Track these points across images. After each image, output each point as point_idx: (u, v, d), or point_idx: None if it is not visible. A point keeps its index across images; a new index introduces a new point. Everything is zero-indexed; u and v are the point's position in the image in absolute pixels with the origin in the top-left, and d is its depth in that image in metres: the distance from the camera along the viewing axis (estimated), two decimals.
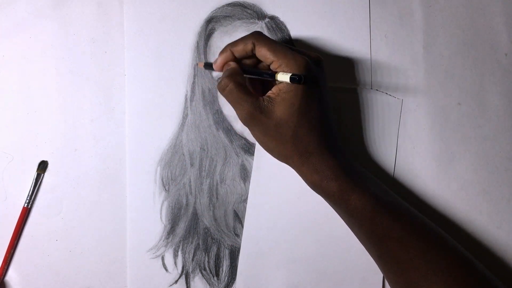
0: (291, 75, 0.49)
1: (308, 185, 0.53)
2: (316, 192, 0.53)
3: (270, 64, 0.52)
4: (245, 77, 0.53)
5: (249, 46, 0.52)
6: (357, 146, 0.60)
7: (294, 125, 0.51)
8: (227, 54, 0.53)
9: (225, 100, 0.60)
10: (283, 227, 0.59)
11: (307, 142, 0.51)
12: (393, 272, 0.51)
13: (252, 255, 0.59)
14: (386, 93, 0.60)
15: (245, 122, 0.52)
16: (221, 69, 0.54)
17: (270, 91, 0.52)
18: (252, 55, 0.53)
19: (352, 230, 0.54)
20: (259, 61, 0.55)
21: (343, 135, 0.60)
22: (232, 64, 0.53)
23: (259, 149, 0.60)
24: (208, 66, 0.56)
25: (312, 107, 0.51)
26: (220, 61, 0.54)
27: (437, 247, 0.50)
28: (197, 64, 0.60)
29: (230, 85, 0.51)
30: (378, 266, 0.53)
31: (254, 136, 0.54)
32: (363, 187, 0.51)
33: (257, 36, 0.53)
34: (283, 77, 0.50)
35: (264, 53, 0.52)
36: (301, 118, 0.51)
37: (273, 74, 0.51)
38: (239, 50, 0.53)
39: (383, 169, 0.60)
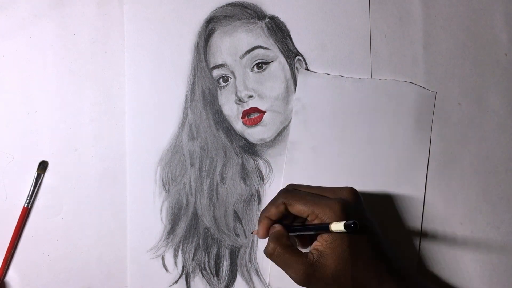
0: (345, 223, 0.47)
1: None
2: None
3: (307, 217, 0.50)
4: (291, 236, 0.52)
5: (281, 207, 0.51)
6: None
7: (351, 273, 0.48)
8: (265, 222, 0.53)
9: (225, 100, 0.60)
10: None
11: (368, 281, 0.49)
12: None
13: None
14: (419, 85, 0.60)
15: (302, 283, 0.50)
16: (265, 237, 0.53)
17: (316, 243, 0.50)
18: (288, 212, 0.52)
19: None
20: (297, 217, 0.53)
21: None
22: (277, 227, 0.52)
23: (291, 141, 0.60)
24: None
25: (363, 246, 0.49)
26: (262, 231, 0.53)
27: None
28: (252, 233, 0.60)
29: (277, 249, 0.50)
30: None
31: None
32: None
33: (285, 194, 0.52)
34: (337, 226, 0.48)
35: (297, 209, 0.50)
36: (356, 263, 0.48)
37: (325, 226, 0.49)
38: (273, 214, 0.52)
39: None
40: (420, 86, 0.60)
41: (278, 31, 0.61)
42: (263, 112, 0.61)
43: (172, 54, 0.61)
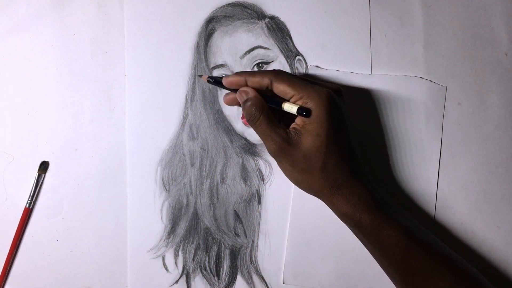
0: (298, 107, 0.48)
1: (339, 217, 0.52)
2: (346, 224, 0.52)
3: (290, 98, 0.51)
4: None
5: (265, 81, 0.52)
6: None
7: (323, 156, 0.50)
8: (241, 78, 0.53)
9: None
10: (329, 216, 0.58)
11: (337, 173, 0.50)
12: None
13: (298, 245, 0.59)
14: (429, 80, 0.60)
15: (274, 154, 0.51)
16: (229, 85, 0.53)
17: (294, 123, 0.51)
18: (266, 90, 0.53)
19: (381, 264, 0.53)
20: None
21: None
22: (252, 92, 0.52)
23: None
24: (214, 81, 0.55)
25: (338, 137, 0.51)
26: (231, 79, 0.53)
27: (468, 283, 0.50)
28: (200, 76, 0.59)
29: (261, 118, 0.51)
30: None
31: (282, 169, 0.53)
32: (396, 221, 0.51)
33: (275, 72, 0.52)
34: (290, 108, 0.50)
35: (283, 89, 0.51)
36: (329, 149, 0.50)
37: (279, 102, 0.51)
38: (254, 81, 0.52)
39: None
40: (431, 80, 0.60)
41: (278, 31, 0.61)
42: None
43: (172, 54, 0.61)
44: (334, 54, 0.61)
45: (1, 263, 0.59)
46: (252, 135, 0.60)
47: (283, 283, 0.59)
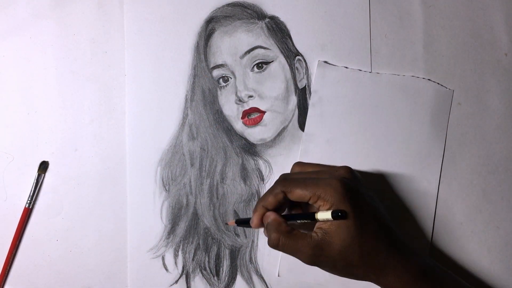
0: (332, 212, 0.48)
1: None
2: None
3: (309, 201, 0.50)
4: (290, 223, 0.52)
5: (279, 195, 0.51)
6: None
7: (358, 246, 0.49)
8: (261, 211, 0.52)
9: (226, 100, 0.60)
10: None
11: (377, 256, 0.49)
12: None
13: None
14: (434, 82, 0.60)
15: (312, 264, 0.50)
16: (259, 226, 0.53)
17: (318, 224, 0.50)
18: (284, 201, 0.52)
19: None
20: (292, 202, 0.53)
21: None
22: (271, 216, 0.52)
23: (307, 133, 0.60)
24: (242, 223, 0.55)
25: (368, 221, 0.50)
26: (256, 220, 0.52)
27: None
28: (226, 224, 0.59)
29: (281, 239, 0.50)
30: None
31: (325, 270, 0.52)
32: (445, 285, 0.51)
33: (283, 182, 0.52)
34: (324, 215, 0.49)
35: (298, 195, 0.50)
36: (362, 237, 0.49)
37: (312, 214, 0.50)
38: (271, 203, 0.52)
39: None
40: (438, 83, 0.60)
41: (278, 31, 0.61)
42: (263, 112, 0.61)
43: (172, 54, 0.61)
44: (334, 54, 0.61)
45: (1, 263, 0.59)
46: (252, 135, 0.61)
47: (278, 275, 0.59)
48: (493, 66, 0.61)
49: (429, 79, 0.60)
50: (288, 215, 0.53)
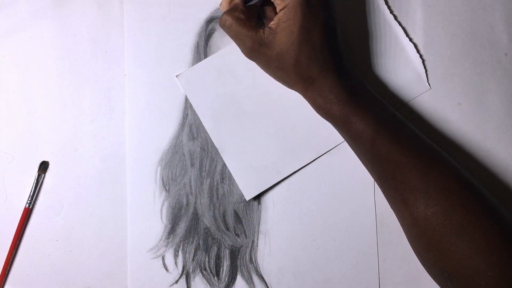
0: None
1: (314, 110, 0.54)
2: (322, 116, 0.54)
3: None
4: (246, 11, 0.54)
5: None
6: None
7: (296, 53, 0.51)
8: None
9: None
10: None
11: (309, 69, 0.52)
12: (391, 191, 0.52)
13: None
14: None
15: (248, 55, 0.53)
16: (226, 7, 0.55)
17: (271, 22, 0.53)
18: None
19: (355, 153, 0.55)
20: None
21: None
22: (236, 0, 0.54)
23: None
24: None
25: (312, 33, 0.51)
26: (224, 2, 0.55)
27: (438, 169, 0.51)
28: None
29: (229, 20, 0.52)
30: (378, 186, 0.54)
31: (260, 67, 0.55)
32: (366, 109, 0.52)
33: None
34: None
35: None
36: (302, 45, 0.51)
37: None
38: None
39: None
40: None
41: None
42: None
43: (172, 54, 0.61)
44: None
45: (1, 263, 0.59)
46: None
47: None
48: (493, 66, 0.61)
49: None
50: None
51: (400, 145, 0.51)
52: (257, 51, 0.52)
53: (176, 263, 0.59)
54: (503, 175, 0.60)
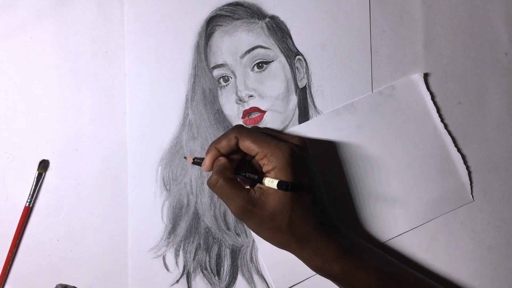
0: (278, 182, 0.49)
1: (311, 269, 0.53)
2: (320, 275, 0.53)
3: (255, 155, 0.52)
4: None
5: (232, 141, 0.53)
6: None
7: (289, 214, 0.50)
8: (213, 152, 0.53)
9: (226, 99, 0.60)
10: None
11: (303, 228, 0.51)
12: None
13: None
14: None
15: (238, 216, 0.52)
16: (210, 169, 0.54)
17: (259, 184, 0.52)
18: (237, 149, 0.53)
19: None
20: (246, 154, 0.55)
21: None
22: (222, 159, 0.53)
23: None
24: (197, 162, 0.57)
25: (303, 192, 0.51)
26: (208, 162, 0.54)
27: None
28: (185, 158, 0.59)
29: (220, 181, 0.51)
30: None
31: (249, 228, 0.54)
32: (365, 263, 0.51)
33: (238, 129, 0.53)
34: (271, 183, 0.50)
35: (247, 145, 0.52)
36: (294, 205, 0.51)
37: (260, 179, 0.51)
38: (223, 147, 0.53)
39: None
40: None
41: (279, 30, 0.61)
42: (264, 112, 0.61)
43: (173, 54, 0.61)
44: (334, 54, 0.61)
45: (1, 262, 0.59)
46: None
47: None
48: (493, 65, 0.61)
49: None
50: (238, 169, 0.54)
51: None
52: (249, 211, 0.51)
53: (176, 262, 0.59)
54: (503, 174, 0.60)
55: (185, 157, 0.59)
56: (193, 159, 0.57)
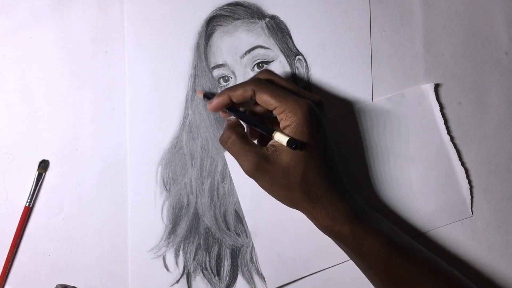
0: (289, 139, 0.49)
1: (319, 229, 0.52)
2: (328, 235, 0.52)
3: (273, 110, 0.51)
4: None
5: (248, 92, 0.51)
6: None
7: (302, 171, 0.50)
8: (225, 97, 0.52)
9: None
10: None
11: (316, 187, 0.51)
12: None
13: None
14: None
15: (251, 173, 0.51)
16: (215, 110, 0.53)
17: (273, 141, 0.51)
18: (250, 101, 0.53)
19: (364, 272, 0.53)
20: (256, 109, 0.54)
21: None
22: (233, 118, 0.53)
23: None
24: (208, 97, 0.56)
25: (318, 151, 0.51)
26: (215, 103, 0.53)
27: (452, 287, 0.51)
28: (195, 91, 0.59)
29: (232, 137, 0.51)
30: None
31: (261, 186, 0.52)
32: (376, 229, 0.51)
33: (257, 83, 0.52)
34: (281, 138, 0.49)
35: (266, 99, 0.51)
36: (309, 163, 0.50)
37: (271, 130, 0.51)
38: (237, 96, 0.52)
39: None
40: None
41: (279, 30, 0.61)
42: None
43: (173, 54, 0.61)
44: (334, 54, 0.61)
45: (1, 262, 0.59)
46: None
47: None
48: (493, 65, 0.61)
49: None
50: (249, 118, 0.53)
51: (415, 264, 0.51)
52: (262, 167, 0.50)
53: (177, 263, 0.59)
54: (503, 174, 0.60)
55: (195, 90, 0.58)
56: (204, 94, 0.56)
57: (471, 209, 0.60)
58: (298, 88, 0.54)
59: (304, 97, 0.52)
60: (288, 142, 0.49)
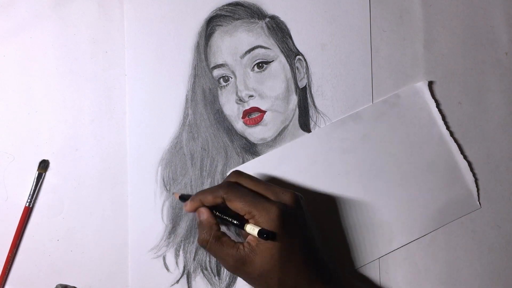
0: (259, 230, 0.49)
1: None
2: None
3: (244, 215, 0.51)
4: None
5: (218, 200, 0.52)
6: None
7: (278, 275, 0.50)
8: (197, 204, 0.53)
9: (226, 99, 0.60)
10: None
11: (296, 285, 0.50)
12: None
13: None
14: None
15: (232, 272, 0.52)
16: (190, 211, 0.54)
17: (250, 237, 0.51)
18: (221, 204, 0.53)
19: None
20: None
21: None
22: (205, 214, 0.53)
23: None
24: (184, 198, 0.56)
25: (294, 252, 0.50)
26: (189, 207, 0.53)
27: None
28: (173, 194, 0.59)
29: (210, 242, 0.51)
30: None
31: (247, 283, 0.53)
32: None
33: (227, 189, 0.52)
34: (252, 230, 0.50)
35: (235, 206, 0.51)
36: (284, 266, 0.50)
37: (242, 223, 0.51)
38: (208, 201, 0.53)
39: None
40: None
41: (279, 30, 0.61)
42: (264, 112, 0.61)
43: (173, 54, 0.61)
44: (334, 54, 0.61)
45: (1, 262, 0.59)
46: (252, 134, 0.61)
47: None
48: (493, 65, 0.61)
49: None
50: (222, 210, 0.53)
51: None
52: (240, 269, 0.50)
53: (177, 263, 0.59)
54: (503, 174, 0.60)
55: (173, 193, 0.59)
56: (180, 196, 0.57)
57: (478, 201, 0.60)
58: (270, 187, 0.53)
59: (276, 197, 0.52)
60: (259, 232, 0.49)
